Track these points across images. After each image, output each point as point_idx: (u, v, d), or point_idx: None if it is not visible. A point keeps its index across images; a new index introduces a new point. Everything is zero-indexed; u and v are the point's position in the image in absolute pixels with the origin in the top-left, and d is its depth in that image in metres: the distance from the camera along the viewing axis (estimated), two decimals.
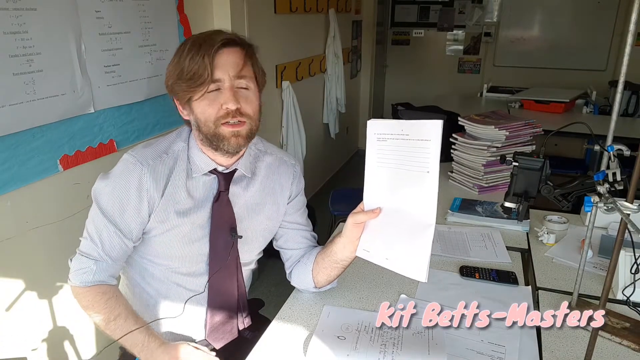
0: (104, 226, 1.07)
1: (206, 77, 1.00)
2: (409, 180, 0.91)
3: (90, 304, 1.07)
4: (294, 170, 1.25)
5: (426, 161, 0.87)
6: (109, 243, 1.07)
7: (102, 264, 1.08)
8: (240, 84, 1.04)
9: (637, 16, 0.81)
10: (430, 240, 0.87)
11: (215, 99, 1.02)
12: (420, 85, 5.58)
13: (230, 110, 1.02)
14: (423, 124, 0.87)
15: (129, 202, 1.05)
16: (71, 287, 1.10)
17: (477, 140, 1.89)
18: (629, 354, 1.01)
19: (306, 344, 1.03)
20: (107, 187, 1.07)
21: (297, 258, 1.24)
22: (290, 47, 3.29)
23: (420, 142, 0.88)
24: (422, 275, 0.87)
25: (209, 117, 1.03)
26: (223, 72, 1.01)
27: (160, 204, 1.07)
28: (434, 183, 0.86)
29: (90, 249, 1.08)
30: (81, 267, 1.08)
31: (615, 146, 0.96)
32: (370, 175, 0.98)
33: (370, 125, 0.96)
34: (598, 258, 1.39)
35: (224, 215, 1.13)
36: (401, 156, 0.92)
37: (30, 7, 1.33)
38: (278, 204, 1.22)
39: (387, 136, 0.94)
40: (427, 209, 0.88)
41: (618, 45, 4.74)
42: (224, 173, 1.12)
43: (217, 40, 1.01)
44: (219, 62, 1.01)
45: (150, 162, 1.06)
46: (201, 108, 1.03)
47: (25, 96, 1.34)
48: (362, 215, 0.99)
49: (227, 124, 1.03)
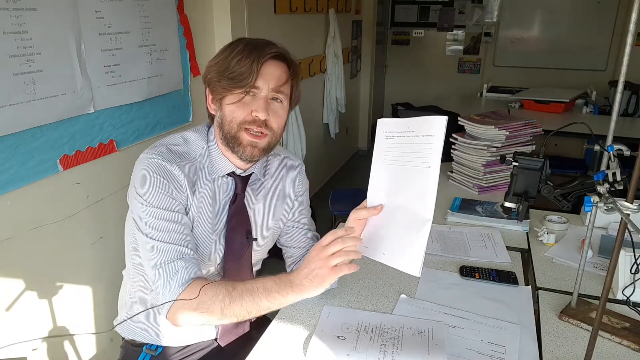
0: (167, 220, 1.00)
1: (249, 81, 1.01)
2: (410, 176, 0.91)
3: (202, 297, 0.94)
4: (300, 169, 1.26)
5: (428, 156, 0.87)
6: (182, 232, 1.01)
7: (187, 258, 1.00)
8: (275, 97, 1.06)
9: (637, 16, 0.81)
10: (427, 235, 0.87)
11: (248, 104, 1.04)
12: (420, 85, 5.58)
13: (259, 119, 1.03)
14: (429, 120, 0.88)
15: (171, 190, 1.02)
16: (173, 306, 0.96)
17: (477, 140, 1.89)
18: (628, 354, 1.01)
19: (306, 344, 1.03)
20: (144, 185, 1.01)
21: (298, 257, 1.25)
22: (290, 47, 3.27)
23: (425, 138, 0.88)
24: (416, 270, 0.87)
25: (235, 119, 1.04)
26: (264, 82, 1.03)
27: (193, 201, 1.06)
28: (435, 178, 0.87)
29: (167, 254, 0.99)
30: (169, 275, 0.98)
31: (615, 146, 0.96)
32: (375, 173, 0.99)
33: (380, 124, 0.98)
34: (598, 258, 1.39)
35: (240, 218, 1.14)
36: (405, 153, 0.92)
37: (30, 7, 1.33)
38: (285, 203, 1.23)
39: (394, 134, 0.95)
40: (426, 204, 0.88)
41: (618, 45, 4.75)
42: (241, 176, 1.13)
43: (269, 51, 1.04)
44: (263, 72, 1.03)
45: (177, 159, 1.05)
46: (231, 108, 1.04)
47: (25, 96, 1.34)
48: (364, 212, 0.99)
49: (249, 132, 1.04)
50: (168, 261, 0.98)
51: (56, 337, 1.57)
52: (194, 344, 1.23)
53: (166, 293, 0.97)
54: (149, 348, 1.20)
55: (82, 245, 1.62)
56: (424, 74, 5.63)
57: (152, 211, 1.01)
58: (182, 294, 0.96)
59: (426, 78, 5.61)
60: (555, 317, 1.13)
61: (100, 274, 1.72)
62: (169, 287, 0.97)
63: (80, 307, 1.66)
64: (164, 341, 1.20)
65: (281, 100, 1.07)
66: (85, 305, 1.68)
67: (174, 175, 1.03)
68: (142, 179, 1.02)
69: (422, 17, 5.50)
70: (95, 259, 1.69)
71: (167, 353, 1.21)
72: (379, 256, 0.95)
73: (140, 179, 1.02)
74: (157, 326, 1.19)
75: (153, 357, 1.19)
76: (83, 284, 1.65)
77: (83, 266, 1.63)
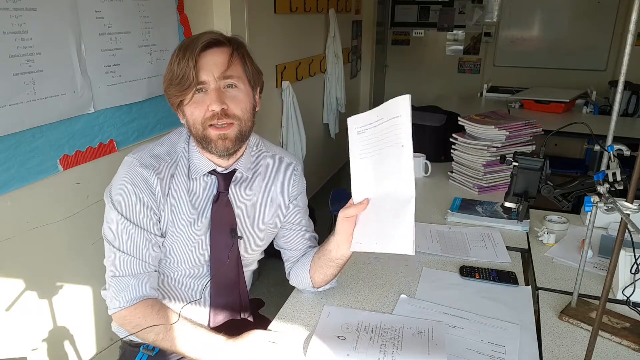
0: (129, 233, 1.03)
1: (191, 80, 1.00)
2: (387, 160, 0.92)
3: (141, 321, 1.02)
4: (295, 169, 1.25)
5: (399, 136, 0.88)
6: (142, 247, 1.04)
7: (141, 276, 1.04)
8: (228, 83, 1.04)
9: (637, 16, 0.81)
10: (413, 211, 0.87)
11: (202, 101, 1.03)
12: (420, 85, 5.58)
13: (216, 112, 1.02)
14: (392, 102, 0.88)
15: (144, 201, 1.04)
16: (114, 315, 1.05)
17: (477, 140, 1.89)
18: (628, 353, 1.01)
19: (306, 343, 1.03)
20: (118, 193, 1.04)
21: (296, 258, 1.24)
22: (290, 47, 3.29)
23: (393, 120, 0.88)
24: (408, 248, 0.86)
25: (197, 120, 1.04)
26: (207, 74, 1.01)
27: (165, 206, 1.07)
28: (409, 155, 0.87)
29: (123, 265, 1.03)
30: (120, 287, 1.03)
31: (615, 146, 0.96)
32: (354, 169, 0.99)
33: (351, 122, 0.98)
34: (598, 258, 1.39)
35: (223, 216, 1.13)
36: (379, 141, 0.93)
37: (30, 7, 1.33)
38: (279, 203, 1.22)
39: (365, 127, 0.95)
40: (406, 182, 0.89)
41: (618, 46, 4.74)
42: (223, 174, 1.12)
43: (200, 42, 1.01)
44: (202, 64, 1.01)
45: (155, 163, 1.06)
46: (190, 111, 1.04)
47: (25, 96, 1.34)
48: (351, 209, 0.99)
49: (214, 127, 1.03)
50: (122, 274, 1.03)
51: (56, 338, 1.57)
52: None
53: (113, 301, 1.04)
54: (146, 348, 1.20)
55: (82, 245, 1.62)
56: (424, 74, 5.62)
57: (120, 219, 1.03)
58: (126, 309, 1.03)
59: (426, 78, 5.60)
60: (555, 317, 1.13)
61: (101, 274, 1.71)
62: (117, 298, 1.03)
63: (80, 307, 1.66)
64: None
65: (235, 85, 1.05)
66: (86, 305, 1.68)
67: (150, 183, 1.04)
68: (119, 185, 1.04)
69: (422, 17, 5.50)
70: (95, 259, 1.68)
71: (165, 353, 1.21)
72: (373, 246, 0.95)
73: (118, 185, 1.05)
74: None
75: (150, 357, 1.19)
76: (83, 284, 1.65)
77: (83, 266, 1.63)
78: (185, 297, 1.16)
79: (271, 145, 1.25)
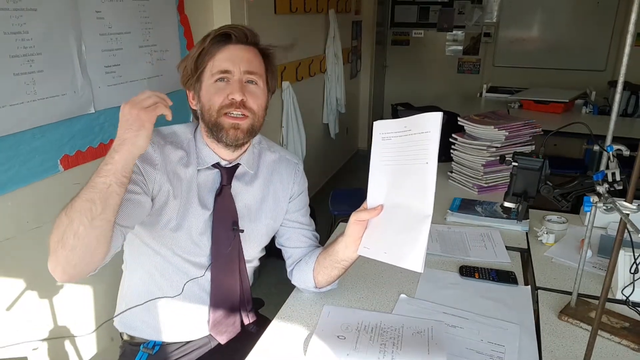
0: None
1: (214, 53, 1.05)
2: (408, 173, 0.92)
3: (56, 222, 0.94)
4: (297, 169, 1.26)
5: (425, 153, 0.88)
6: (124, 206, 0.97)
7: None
8: (249, 79, 1.07)
9: (636, 16, 0.81)
10: (427, 230, 0.88)
11: (223, 89, 1.06)
12: (420, 85, 5.58)
13: (235, 101, 1.05)
14: (424, 117, 0.88)
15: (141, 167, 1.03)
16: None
17: (476, 141, 1.89)
18: (628, 353, 1.01)
19: (306, 343, 1.03)
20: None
21: (298, 257, 1.24)
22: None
23: (421, 135, 0.89)
24: (418, 266, 0.87)
25: (214, 105, 1.06)
26: (234, 65, 1.05)
27: (168, 191, 1.07)
28: (433, 174, 0.87)
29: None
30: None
31: (614, 146, 0.97)
32: (374, 174, 0.99)
33: (376, 126, 0.98)
34: (597, 258, 1.39)
35: (225, 209, 1.14)
36: (402, 152, 0.93)
37: (30, 8, 1.33)
38: (279, 201, 1.23)
39: (391, 135, 0.95)
40: (426, 200, 0.89)
41: (617, 46, 4.74)
42: (227, 167, 1.14)
43: (235, 33, 1.06)
44: (232, 56, 1.06)
45: (162, 141, 1.09)
46: (208, 96, 1.07)
47: (25, 96, 1.35)
48: (364, 213, 1.00)
49: (229, 116, 1.06)
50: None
51: (57, 338, 1.57)
52: (192, 342, 1.23)
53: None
54: (146, 347, 1.20)
55: None
56: (423, 74, 5.62)
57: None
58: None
59: (426, 78, 5.61)
60: (554, 317, 1.13)
61: (101, 274, 1.71)
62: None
63: (81, 307, 1.66)
64: (162, 336, 1.20)
65: (256, 82, 1.09)
66: (86, 305, 1.68)
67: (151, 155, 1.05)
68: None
69: (421, 18, 5.50)
70: None
71: (165, 351, 1.21)
72: (381, 255, 0.96)
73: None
74: (155, 319, 1.19)
75: (150, 355, 1.19)
76: (83, 283, 1.65)
77: None
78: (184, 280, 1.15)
79: (274, 144, 1.27)
